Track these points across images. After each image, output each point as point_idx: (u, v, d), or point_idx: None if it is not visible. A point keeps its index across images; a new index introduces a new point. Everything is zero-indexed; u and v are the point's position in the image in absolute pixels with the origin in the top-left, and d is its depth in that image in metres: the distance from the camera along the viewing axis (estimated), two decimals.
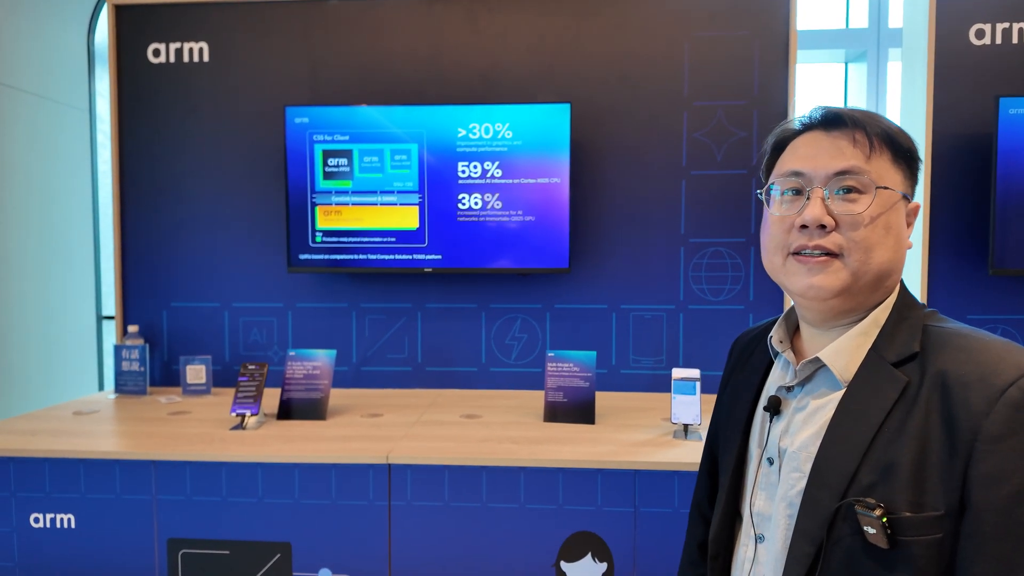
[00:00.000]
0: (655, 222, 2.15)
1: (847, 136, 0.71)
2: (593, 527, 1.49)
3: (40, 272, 2.47)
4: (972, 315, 2.06)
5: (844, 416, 0.69)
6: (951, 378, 0.64)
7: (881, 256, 0.70)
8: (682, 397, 1.65)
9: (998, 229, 1.94)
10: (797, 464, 0.72)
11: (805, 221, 0.71)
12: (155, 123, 2.25)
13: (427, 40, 2.20)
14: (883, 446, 0.65)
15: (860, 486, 0.65)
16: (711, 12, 2.12)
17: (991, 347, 0.65)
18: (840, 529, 0.65)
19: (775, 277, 0.77)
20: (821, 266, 0.71)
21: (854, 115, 0.72)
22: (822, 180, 0.71)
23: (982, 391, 0.61)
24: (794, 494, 0.72)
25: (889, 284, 0.73)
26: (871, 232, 0.69)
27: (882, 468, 0.64)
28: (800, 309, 0.79)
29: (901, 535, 0.62)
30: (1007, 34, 2.03)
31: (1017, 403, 0.59)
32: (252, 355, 2.25)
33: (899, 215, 0.72)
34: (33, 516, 1.57)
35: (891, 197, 0.71)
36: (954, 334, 0.68)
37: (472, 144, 2.07)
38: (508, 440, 1.62)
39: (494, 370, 2.22)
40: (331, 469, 1.53)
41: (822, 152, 0.72)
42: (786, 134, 0.78)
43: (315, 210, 2.10)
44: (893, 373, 0.68)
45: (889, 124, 0.72)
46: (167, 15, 2.24)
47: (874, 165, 0.70)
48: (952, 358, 0.65)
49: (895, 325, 0.71)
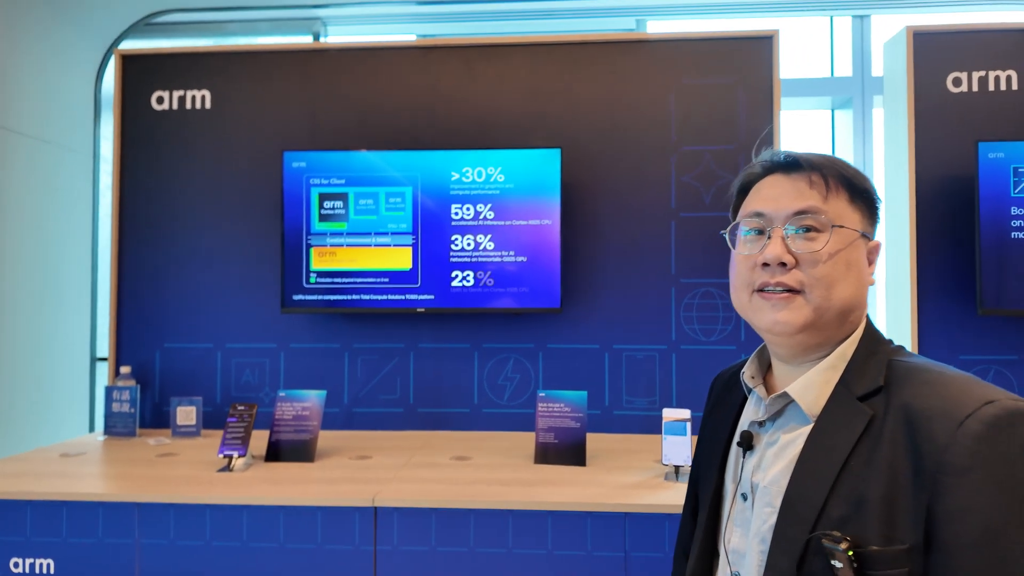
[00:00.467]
0: (646, 263, 2.18)
1: (805, 178, 0.74)
2: (583, 572, 1.45)
3: (36, 313, 2.48)
4: (964, 355, 2.06)
5: (812, 450, 0.70)
6: (914, 411, 0.65)
7: (842, 292, 0.72)
8: (672, 438, 1.63)
9: (984, 270, 1.96)
10: (768, 499, 0.73)
11: (766, 259, 0.73)
12: (156, 167, 2.31)
13: (423, 87, 2.27)
14: (851, 479, 0.65)
15: (830, 519, 0.65)
16: (697, 61, 2.19)
17: (953, 381, 0.66)
18: (811, 564, 0.65)
19: (743, 314, 0.79)
20: (784, 302, 0.73)
21: (811, 159, 0.75)
22: (782, 220, 0.74)
23: (943, 424, 0.62)
24: (766, 529, 0.72)
25: (854, 319, 0.74)
26: (831, 268, 0.72)
27: (852, 501, 0.64)
28: (770, 345, 0.80)
29: (869, 569, 0.61)
30: (983, 82, 2.09)
31: (977, 434, 0.60)
32: (244, 396, 2.25)
33: (858, 252, 0.74)
34: (13, 561, 1.54)
35: (849, 235, 0.73)
36: (918, 368, 0.69)
37: (465, 187, 2.11)
38: (497, 482, 1.60)
39: (487, 411, 2.21)
40: (317, 512, 1.51)
41: (782, 194, 0.75)
42: (751, 177, 0.81)
43: (310, 251, 2.12)
44: (859, 407, 0.69)
45: (845, 166, 0.76)
46: (171, 64, 2.32)
47: (831, 205, 0.73)
48: (916, 392, 0.66)
49: (862, 360, 0.72)
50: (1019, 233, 1.96)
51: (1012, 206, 1.97)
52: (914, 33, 2.11)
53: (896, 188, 2.20)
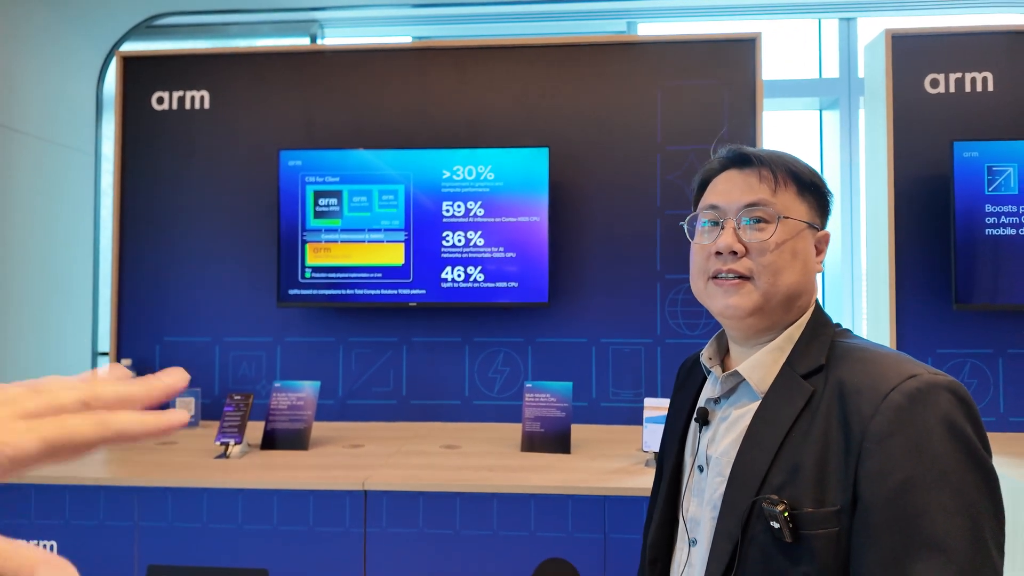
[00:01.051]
0: (632, 259, 2.24)
1: (755, 173, 0.81)
2: (564, 553, 1.52)
3: (40, 308, 2.54)
4: (940, 349, 2.12)
5: (759, 423, 0.76)
6: (847, 386, 0.71)
7: (788, 278, 0.78)
8: (652, 426, 1.69)
9: (959, 266, 2.02)
10: (720, 469, 0.79)
11: (719, 248, 0.80)
12: (156, 166, 2.37)
13: (416, 89, 2.33)
14: (791, 449, 0.71)
15: (771, 486, 0.71)
16: (683, 63, 2.25)
17: (884, 359, 0.72)
18: (754, 527, 0.71)
19: (700, 299, 0.85)
20: (735, 288, 0.79)
21: (760, 155, 0.81)
22: (734, 212, 0.80)
23: (870, 397, 0.68)
24: (717, 497, 0.78)
25: (801, 304, 0.80)
26: (778, 257, 0.78)
27: (790, 469, 0.70)
28: (726, 328, 0.86)
29: (803, 529, 0.67)
30: (960, 83, 2.15)
31: (898, 405, 0.66)
32: (241, 388, 2.31)
33: (805, 242, 0.80)
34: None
35: (795, 226, 0.79)
36: (855, 348, 0.75)
37: (456, 185, 2.17)
38: (484, 468, 1.66)
39: (477, 403, 2.27)
40: (309, 496, 1.57)
41: (735, 188, 0.82)
42: (709, 173, 0.87)
43: (305, 247, 2.19)
44: (801, 383, 0.75)
45: (794, 162, 0.82)
46: (171, 65, 2.38)
47: (780, 198, 0.79)
48: (849, 369, 0.72)
49: (808, 341, 0.78)
50: (993, 230, 2.02)
51: (986, 203, 2.03)
52: (892, 36, 2.17)
53: (875, 186, 2.26)
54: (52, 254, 2.61)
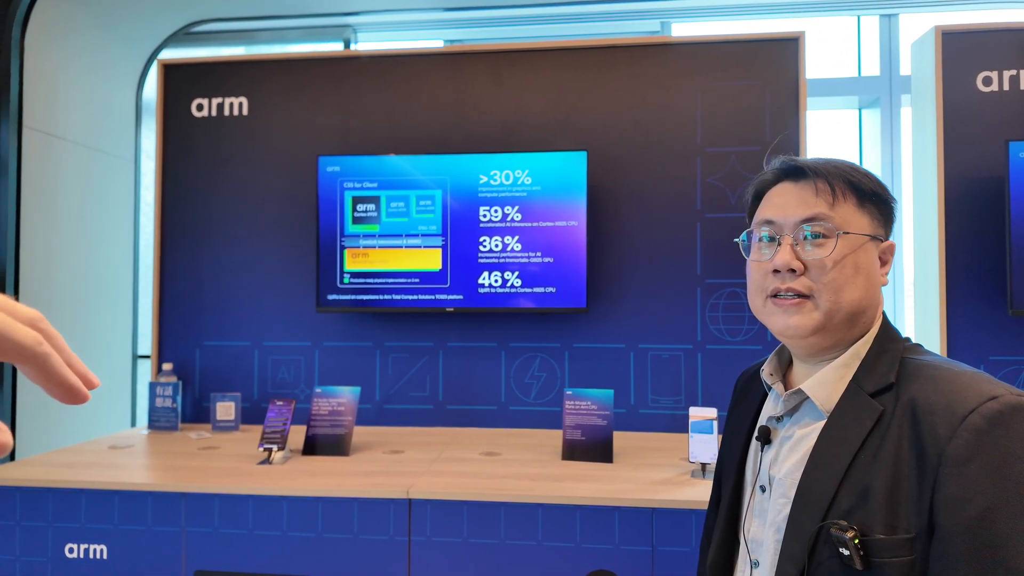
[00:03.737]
0: (671, 263, 2.20)
1: (811, 186, 0.78)
2: (610, 565, 1.49)
3: (82, 312, 2.59)
4: (994, 356, 2.05)
5: (825, 444, 0.73)
6: (920, 406, 0.67)
7: (851, 295, 0.75)
8: (699, 436, 1.66)
9: (1015, 270, 1.95)
10: (784, 490, 0.76)
11: (776, 266, 0.77)
12: (196, 172, 2.40)
13: (452, 93, 2.32)
14: (860, 471, 0.69)
15: (839, 510, 0.68)
16: (723, 63, 2.21)
17: (959, 377, 0.68)
18: (821, 552, 0.69)
19: (759, 317, 0.83)
20: (795, 308, 0.76)
21: (815, 166, 0.78)
22: (791, 227, 0.78)
23: (947, 418, 0.65)
24: (781, 519, 0.75)
25: (867, 319, 0.77)
26: (839, 274, 0.75)
27: (859, 492, 0.68)
28: (787, 345, 0.84)
29: (875, 556, 0.65)
30: (1015, 81, 2.08)
31: (978, 428, 0.63)
32: (280, 392, 2.33)
33: (867, 255, 0.76)
34: (68, 546, 1.63)
35: (856, 240, 0.76)
36: (927, 366, 0.72)
37: (493, 190, 2.16)
38: (527, 477, 1.65)
39: (513, 409, 2.25)
40: (353, 503, 1.57)
41: (790, 202, 0.79)
42: (763, 184, 0.85)
43: (343, 253, 2.19)
44: (870, 403, 0.72)
45: (853, 171, 0.78)
46: (210, 73, 2.41)
47: (838, 211, 0.76)
48: (922, 388, 0.69)
49: (875, 358, 0.75)
50: None
51: None
52: (943, 33, 2.11)
53: (924, 189, 2.20)
54: (93, 258, 2.65)
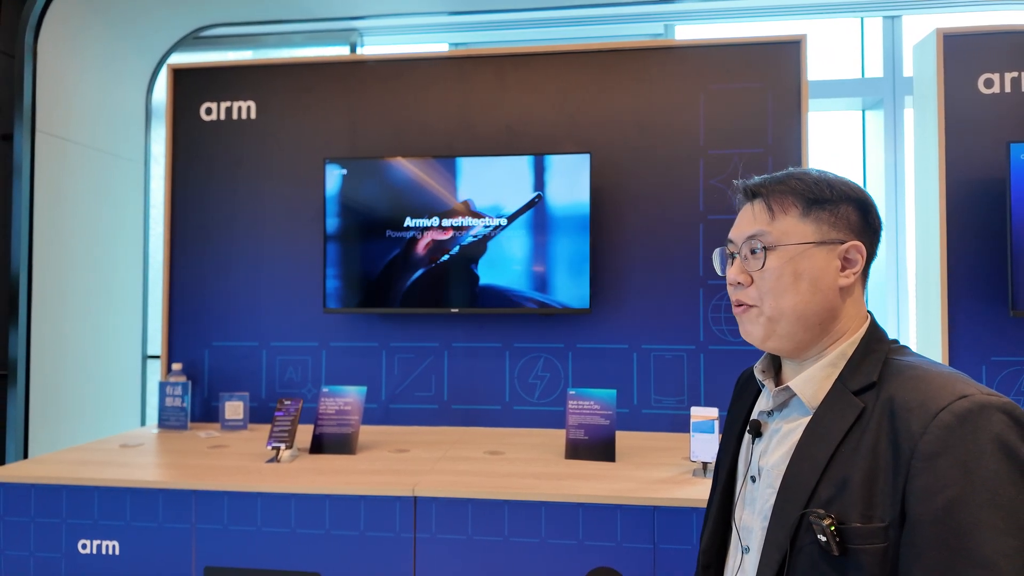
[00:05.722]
0: (674, 265, 2.22)
1: (759, 204, 0.85)
2: (613, 563, 1.52)
3: (92, 313, 2.63)
4: (995, 357, 2.06)
5: (809, 437, 0.77)
6: (897, 404, 0.71)
7: (790, 300, 0.80)
8: (700, 435, 1.68)
9: (1016, 271, 1.96)
10: (771, 481, 0.81)
11: (728, 280, 0.87)
12: (205, 175, 2.44)
13: (457, 96, 2.35)
14: (840, 464, 0.73)
15: (820, 499, 0.73)
16: (726, 66, 2.23)
17: (936, 378, 0.72)
18: (803, 538, 0.73)
19: None
20: (745, 316, 0.85)
21: (758, 186, 0.85)
22: (739, 244, 0.86)
23: (920, 415, 0.68)
24: (767, 508, 0.80)
25: (839, 321, 0.81)
26: (776, 282, 0.81)
27: (838, 483, 0.72)
28: None
29: (850, 543, 0.69)
30: (1016, 83, 2.09)
31: (948, 424, 0.66)
32: (287, 392, 2.36)
33: (811, 261, 0.80)
34: (81, 542, 1.66)
35: (792, 251, 0.81)
36: (908, 366, 0.75)
37: (497, 192, 2.18)
38: (530, 476, 1.67)
39: (517, 408, 2.28)
40: (360, 501, 1.59)
41: (741, 222, 0.88)
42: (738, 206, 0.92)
43: None
44: (852, 400, 0.76)
45: (799, 181, 0.83)
46: (219, 77, 2.44)
47: (777, 226, 0.82)
48: (901, 386, 0.73)
49: (861, 358, 0.79)
50: None
51: None
52: (944, 35, 2.12)
53: (926, 189, 2.21)
54: (104, 260, 2.69)
